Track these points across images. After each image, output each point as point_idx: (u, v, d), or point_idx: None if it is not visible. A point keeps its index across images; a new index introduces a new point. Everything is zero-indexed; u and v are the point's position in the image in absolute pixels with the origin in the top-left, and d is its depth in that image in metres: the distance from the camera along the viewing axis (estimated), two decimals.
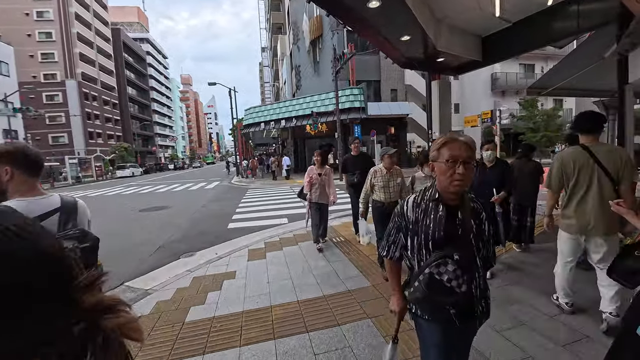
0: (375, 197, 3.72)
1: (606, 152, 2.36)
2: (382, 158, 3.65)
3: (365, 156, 5.22)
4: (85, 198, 13.24)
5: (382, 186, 3.62)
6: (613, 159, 2.32)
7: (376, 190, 3.68)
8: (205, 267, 4.38)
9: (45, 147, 38.59)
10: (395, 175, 3.67)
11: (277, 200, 10.47)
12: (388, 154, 3.61)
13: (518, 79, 26.65)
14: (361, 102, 16.43)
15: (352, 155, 5.17)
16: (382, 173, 3.64)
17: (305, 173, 5.01)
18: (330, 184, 4.85)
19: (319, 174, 4.75)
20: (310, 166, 4.93)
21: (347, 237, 5.35)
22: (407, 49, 5.86)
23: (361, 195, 3.86)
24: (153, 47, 72.29)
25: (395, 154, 3.64)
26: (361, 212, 3.87)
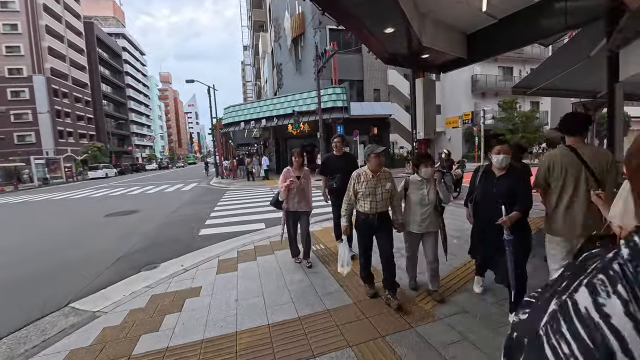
0: (358, 207, 3.00)
1: (592, 153, 2.38)
2: (368, 158, 2.92)
3: (350, 157, 4.54)
4: (47, 202, 12.29)
5: (367, 194, 2.89)
6: (598, 160, 2.35)
7: (360, 198, 2.96)
8: (167, 282, 3.87)
9: (10, 147, 36.28)
10: (383, 179, 2.95)
11: (256, 203, 9.96)
12: (375, 153, 2.87)
13: (497, 81, 27.17)
14: (344, 101, 16.12)
15: (334, 155, 4.44)
16: (368, 177, 2.91)
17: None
18: (308, 190, 4.19)
19: (297, 176, 4.07)
20: (287, 168, 4.13)
21: (328, 245, 4.95)
22: (391, 44, 5.54)
23: (342, 206, 3.12)
24: (129, 43, 69.58)
25: (382, 154, 2.92)
26: (344, 228, 3.12)
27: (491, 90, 27.04)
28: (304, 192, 4.11)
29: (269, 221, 7.01)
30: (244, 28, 55.24)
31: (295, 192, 4.03)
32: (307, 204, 4.13)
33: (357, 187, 2.97)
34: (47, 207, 12.18)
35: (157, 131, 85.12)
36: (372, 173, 2.93)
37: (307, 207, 4.12)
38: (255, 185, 15.95)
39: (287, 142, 23.08)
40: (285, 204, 4.05)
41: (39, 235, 7.16)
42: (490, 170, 2.70)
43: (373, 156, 2.89)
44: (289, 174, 4.05)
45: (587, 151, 2.39)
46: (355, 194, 3.00)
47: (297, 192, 4.04)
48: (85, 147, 40.13)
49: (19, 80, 37.65)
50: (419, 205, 2.97)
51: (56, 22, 42.45)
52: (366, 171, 2.96)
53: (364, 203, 2.95)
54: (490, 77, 26.83)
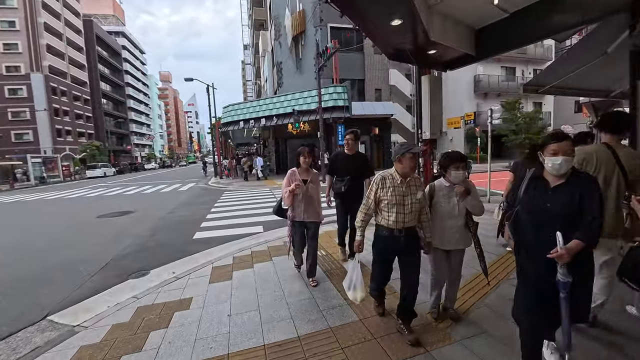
0: (380, 219, 2.40)
1: (628, 154, 2.31)
2: (400, 159, 2.29)
3: (362, 157, 3.91)
4: (41, 201, 11.97)
5: (393, 203, 2.28)
6: (633, 163, 2.28)
7: (383, 208, 2.35)
8: (156, 292, 3.57)
9: (8, 145, 35.97)
10: (414, 186, 2.35)
11: (254, 204, 9.66)
12: (412, 153, 2.25)
13: (500, 81, 26.90)
14: (345, 100, 15.82)
15: (344, 153, 3.83)
16: (395, 182, 2.31)
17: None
18: (317, 197, 3.54)
19: (304, 180, 3.43)
20: (292, 169, 3.50)
21: (330, 252, 4.64)
22: (396, 37, 5.25)
23: (358, 216, 2.47)
24: (129, 42, 69.23)
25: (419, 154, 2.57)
26: (357, 244, 2.45)
27: (494, 90, 26.77)
28: (312, 199, 3.47)
29: (267, 224, 6.70)
30: (244, 27, 54.94)
31: (301, 198, 3.42)
32: (316, 212, 3.50)
33: (380, 194, 2.34)
34: (39, 207, 11.86)
35: (157, 130, 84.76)
36: (402, 178, 2.32)
37: (315, 216, 3.49)
38: (253, 185, 15.65)
39: (287, 142, 22.78)
40: (291, 212, 3.47)
41: (24, 237, 6.85)
42: (541, 177, 1.88)
43: (409, 156, 2.25)
44: (294, 177, 3.42)
45: (623, 152, 2.32)
46: (376, 203, 2.39)
47: (303, 198, 3.42)
48: (83, 146, 39.80)
49: (16, 78, 37.31)
50: (448, 217, 2.47)
51: (55, 20, 42.12)
52: (393, 175, 2.35)
53: (388, 215, 2.33)
54: (493, 77, 26.55)
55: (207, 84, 21.20)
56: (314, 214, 3.48)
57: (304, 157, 3.42)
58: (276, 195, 11.35)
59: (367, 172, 3.76)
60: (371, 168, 3.80)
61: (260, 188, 14.25)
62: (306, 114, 16.36)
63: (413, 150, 2.28)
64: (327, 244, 4.94)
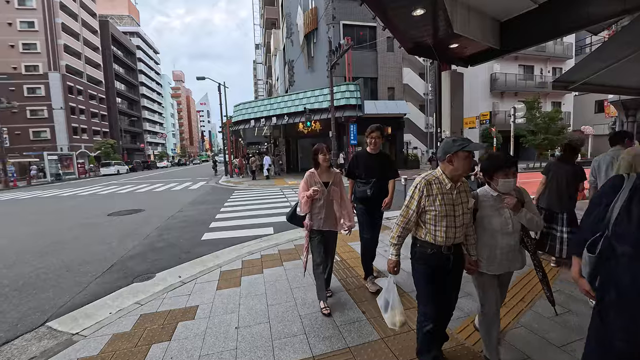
0: (422, 234, 1.91)
1: None
2: (450, 158, 1.80)
3: (387, 157, 3.42)
4: (54, 198, 12.02)
5: (443, 215, 1.81)
6: None
7: (428, 221, 1.86)
8: (160, 298, 3.36)
9: (26, 142, 36.86)
10: (464, 192, 1.89)
11: (264, 204, 9.45)
12: (465, 151, 1.77)
13: (517, 80, 26.06)
14: (357, 99, 15.49)
15: (366, 152, 3.34)
16: (444, 188, 1.83)
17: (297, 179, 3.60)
18: (344, 198, 3.10)
19: (325, 182, 2.95)
20: (311, 171, 2.99)
21: (346, 257, 4.37)
22: (418, 29, 4.93)
23: (394, 230, 1.95)
24: (144, 42, 70.34)
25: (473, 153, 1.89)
26: (392, 264, 1.98)
27: (510, 89, 25.96)
28: (333, 204, 2.99)
29: (278, 226, 6.47)
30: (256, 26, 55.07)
31: (322, 204, 2.90)
32: (336, 220, 3.04)
33: (425, 203, 1.84)
34: (52, 204, 11.95)
35: (169, 129, 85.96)
36: (452, 182, 1.83)
37: (335, 225, 3.04)
38: (263, 185, 15.48)
39: (298, 142, 22.61)
40: (308, 220, 2.90)
41: (33, 235, 6.79)
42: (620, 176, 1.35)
43: (464, 156, 1.76)
44: (312, 179, 2.92)
45: None
46: (418, 213, 1.88)
47: (324, 204, 2.91)
48: (98, 144, 40.50)
49: (35, 77, 38.21)
50: (500, 234, 1.95)
51: (72, 20, 42.99)
52: (441, 178, 1.85)
53: (435, 229, 1.84)
54: (510, 75, 25.74)
55: (218, 83, 21.17)
56: (333, 222, 3.02)
57: (323, 154, 2.90)
58: (286, 195, 11.13)
59: (392, 172, 3.36)
60: (396, 168, 3.43)
61: (270, 187, 14.07)
62: (318, 113, 16.11)
63: (469, 147, 1.74)
64: (340, 248, 4.66)
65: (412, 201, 1.89)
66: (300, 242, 5.13)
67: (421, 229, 1.93)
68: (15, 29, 38.03)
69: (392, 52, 20.25)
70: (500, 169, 1.89)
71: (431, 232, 1.87)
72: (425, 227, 1.91)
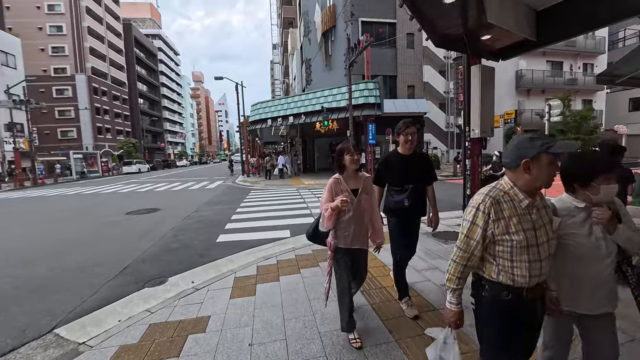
0: (493, 272, 1.37)
1: None
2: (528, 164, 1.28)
3: (423, 157, 2.90)
4: (77, 195, 12.28)
5: (523, 245, 1.29)
6: None
7: (503, 254, 1.33)
8: (171, 306, 3.17)
9: (54, 141, 38.44)
10: (543, 210, 1.39)
11: (280, 205, 9.25)
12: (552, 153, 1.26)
13: (545, 76, 24.83)
14: (376, 97, 15.07)
15: (398, 153, 2.79)
16: (519, 206, 1.32)
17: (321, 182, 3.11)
18: (374, 209, 2.53)
19: (354, 190, 2.38)
20: (334, 177, 2.41)
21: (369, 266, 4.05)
22: (448, 19, 4.56)
23: (452, 269, 1.43)
24: (165, 44, 72.11)
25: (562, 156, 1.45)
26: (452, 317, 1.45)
27: (537, 87, 24.75)
28: (363, 216, 2.42)
29: (295, 228, 6.23)
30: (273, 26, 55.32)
31: (350, 217, 2.34)
32: (367, 235, 2.51)
33: (495, 229, 1.31)
34: (74, 202, 12.21)
35: (189, 129, 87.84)
36: (530, 198, 1.33)
37: (366, 242, 2.51)
38: (279, 184, 15.33)
39: (315, 141, 22.38)
40: (332, 237, 2.36)
41: (53, 233, 6.84)
42: None
43: (547, 160, 1.26)
44: (338, 186, 2.36)
45: None
46: (484, 245, 1.35)
47: (353, 217, 2.35)
48: (121, 143, 41.77)
49: (63, 79, 39.81)
50: (591, 260, 1.45)
51: (97, 24, 44.54)
52: (511, 193, 1.34)
53: (513, 265, 1.31)
54: (537, 72, 24.54)
55: (236, 82, 21.24)
56: (364, 239, 2.48)
57: (350, 155, 2.33)
58: (303, 196, 10.90)
59: (431, 176, 2.85)
60: (434, 173, 2.90)
61: (287, 188, 13.89)
62: (335, 112, 15.80)
63: (556, 147, 1.25)
64: None
65: (474, 229, 1.34)
66: (319, 246, 4.86)
67: (490, 265, 1.37)
68: (45, 33, 39.75)
69: (412, 48, 19.67)
70: (603, 172, 1.40)
71: (507, 271, 1.32)
72: (497, 263, 1.34)
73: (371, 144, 14.88)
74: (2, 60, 27.76)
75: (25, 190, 18.62)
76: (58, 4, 39.85)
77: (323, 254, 4.45)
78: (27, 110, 22.42)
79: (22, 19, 38.41)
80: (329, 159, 23.13)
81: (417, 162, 2.78)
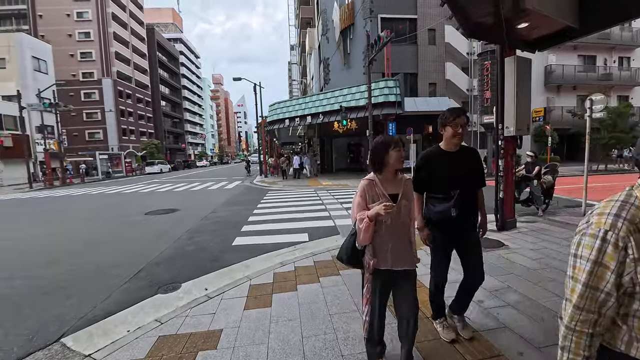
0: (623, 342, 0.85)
1: None
2: None
3: (474, 156, 2.33)
4: (100, 195, 12.54)
5: None
6: None
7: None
8: (182, 316, 2.97)
9: (82, 143, 40.05)
10: None
11: (298, 207, 9.00)
12: None
13: (576, 72, 23.43)
14: (397, 95, 14.61)
15: (441, 150, 2.27)
16: None
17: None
18: (413, 221, 2.03)
19: (392, 195, 1.87)
20: (368, 178, 1.92)
21: None
22: (482, 6, 4.16)
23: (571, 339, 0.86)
24: (186, 47, 73.92)
25: None
26: None
27: (568, 83, 23.40)
28: (408, 228, 1.94)
29: (313, 231, 5.96)
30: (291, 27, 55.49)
31: (391, 227, 1.86)
32: (412, 253, 1.95)
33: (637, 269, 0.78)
34: (97, 201, 12.49)
35: (209, 130, 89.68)
36: None
37: (411, 260, 1.94)
38: (297, 185, 15.13)
39: (333, 141, 22.09)
40: (371, 255, 1.85)
41: (74, 233, 6.89)
42: None
43: None
44: (373, 190, 1.86)
45: None
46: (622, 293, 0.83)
47: (394, 228, 1.87)
48: (144, 144, 43.03)
49: (90, 83, 41.47)
50: None
51: (122, 29, 46.11)
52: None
53: None
54: (568, 67, 23.19)
55: (254, 83, 21.28)
56: (409, 257, 1.93)
57: (398, 150, 1.83)
58: (321, 197, 10.62)
59: (482, 178, 2.32)
60: (482, 172, 2.33)
61: (304, 188, 13.67)
62: (354, 111, 15.45)
63: None
64: None
65: (601, 273, 0.82)
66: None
67: (618, 330, 0.87)
68: (74, 40, 41.53)
69: (434, 45, 19.03)
70: None
71: None
72: (630, 327, 0.84)
73: None
74: (34, 66, 29.15)
75: (53, 190, 19.37)
76: (86, 11, 41.55)
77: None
78: (56, 113, 23.37)
79: (54, 27, 40.29)
80: (348, 160, 22.76)
81: (465, 161, 2.23)
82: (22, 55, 27.96)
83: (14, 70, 27.71)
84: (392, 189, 1.88)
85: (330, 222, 6.74)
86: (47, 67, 30.47)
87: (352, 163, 22.25)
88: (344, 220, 6.81)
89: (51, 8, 40.37)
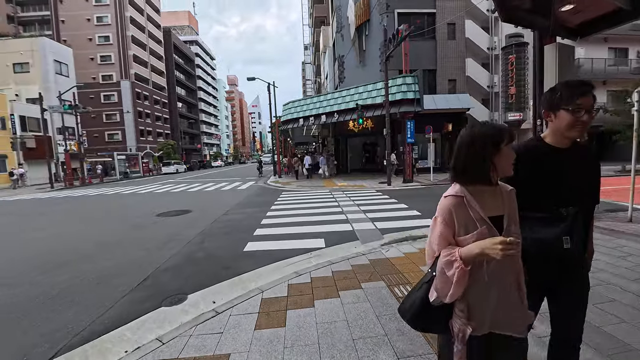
0: None
1: None
2: None
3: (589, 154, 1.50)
4: (116, 195, 12.56)
5: None
6: None
7: None
8: (186, 335, 2.64)
9: (102, 143, 41.07)
10: None
11: (314, 209, 8.63)
12: None
13: (607, 66, 22.11)
14: (415, 92, 14.03)
15: (548, 146, 1.45)
16: None
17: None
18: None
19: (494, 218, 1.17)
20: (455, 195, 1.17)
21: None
22: None
23: None
24: (202, 49, 74.97)
25: None
26: None
27: (598, 77, 22.07)
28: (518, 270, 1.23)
29: (330, 236, 5.57)
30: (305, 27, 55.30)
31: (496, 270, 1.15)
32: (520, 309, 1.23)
33: None
34: (112, 202, 12.53)
35: (224, 130, 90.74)
36: None
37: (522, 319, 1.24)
38: (311, 186, 14.78)
39: (348, 141, 21.64)
40: (464, 316, 1.17)
41: (83, 235, 6.76)
42: None
43: None
44: (466, 212, 1.16)
45: None
46: None
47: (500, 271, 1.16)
48: (161, 145, 43.77)
49: (109, 85, 42.48)
50: None
51: (140, 32, 47.09)
52: None
53: None
54: (598, 61, 21.91)
55: (268, 83, 21.08)
56: (521, 315, 1.24)
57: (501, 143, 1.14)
58: (337, 199, 10.20)
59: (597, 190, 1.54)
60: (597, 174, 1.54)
61: (319, 189, 13.30)
62: (370, 109, 14.96)
63: None
64: (411, 268, 3.58)
65: None
66: (359, 260, 4.17)
67: None
68: (94, 44, 42.68)
69: (454, 39, 18.29)
70: None
71: None
72: None
73: (410, 142, 13.86)
74: (56, 69, 30.00)
75: (73, 190, 19.75)
76: (105, 15, 42.62)
77: (365, 272, 3.75)
78: (76, 115, 23.91)
79: (75, 31, 41.53)
80: (363, 159, 22.24)
81: (583, 163, 1.46)
82: (45, 59, 28.81)
83: (37, 73, 28.58)
84: (492, 208, 1.18)
85: (348, 226, 6.33)
86: (68, 70, 31.30)
87: (368, 163, 21.69)
88: (362, 224, 6.37)
89: (73, 13, 41.63)
